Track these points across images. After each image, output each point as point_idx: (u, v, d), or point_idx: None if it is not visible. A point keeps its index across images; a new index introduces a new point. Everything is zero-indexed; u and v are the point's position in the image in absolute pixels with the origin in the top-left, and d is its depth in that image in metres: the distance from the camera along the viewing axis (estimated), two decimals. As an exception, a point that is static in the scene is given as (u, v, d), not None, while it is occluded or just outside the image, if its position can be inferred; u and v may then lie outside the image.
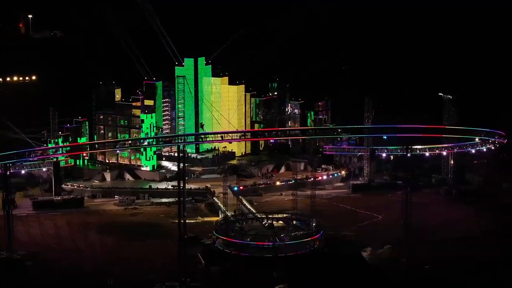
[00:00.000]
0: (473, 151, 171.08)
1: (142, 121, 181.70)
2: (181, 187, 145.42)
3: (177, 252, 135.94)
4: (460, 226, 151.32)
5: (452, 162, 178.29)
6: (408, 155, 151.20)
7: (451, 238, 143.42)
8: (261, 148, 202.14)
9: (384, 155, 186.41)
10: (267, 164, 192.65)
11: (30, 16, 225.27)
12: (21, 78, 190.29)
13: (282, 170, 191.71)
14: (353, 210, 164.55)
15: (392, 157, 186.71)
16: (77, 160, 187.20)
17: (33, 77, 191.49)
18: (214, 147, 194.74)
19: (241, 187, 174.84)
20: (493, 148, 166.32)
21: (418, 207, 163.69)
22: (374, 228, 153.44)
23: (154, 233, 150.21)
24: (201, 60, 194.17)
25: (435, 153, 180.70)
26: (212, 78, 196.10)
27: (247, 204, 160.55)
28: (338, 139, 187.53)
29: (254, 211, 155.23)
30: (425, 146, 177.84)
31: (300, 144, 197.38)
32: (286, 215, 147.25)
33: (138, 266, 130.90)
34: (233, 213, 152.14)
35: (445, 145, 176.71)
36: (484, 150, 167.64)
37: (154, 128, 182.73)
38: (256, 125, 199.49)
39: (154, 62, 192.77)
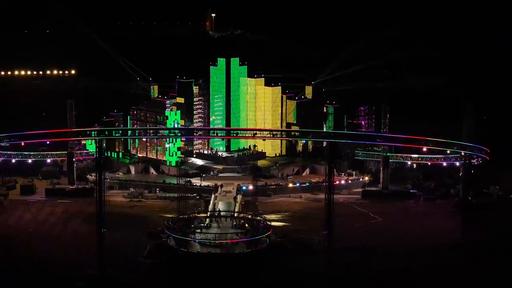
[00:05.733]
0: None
1: (166, 117, 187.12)
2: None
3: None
4: (434, 237, 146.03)
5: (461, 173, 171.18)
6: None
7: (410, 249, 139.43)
8: (300, 150, 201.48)
9: (409, 163, 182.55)
10: (292, 166, 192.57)
11: (213, 15, 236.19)
12: (60, 72, 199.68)
13: (306, 172, 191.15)
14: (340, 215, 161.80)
15: (415, 165, 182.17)
16: (112, 153, 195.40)
17: (72, 71, 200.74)
18: (249, 147, 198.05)
19: (250, 187, 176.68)
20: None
21: (411, 216, 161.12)
22: (351, 233, 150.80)
23: (134, 225, 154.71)
24: (235, 61, 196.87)
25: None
26: (248, 78, 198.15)
27: (237, 203, 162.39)
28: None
29: (236, 210, 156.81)
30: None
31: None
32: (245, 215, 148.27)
33: (84, 254, 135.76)
34: (211, 211, 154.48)
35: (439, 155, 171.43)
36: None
37: (178, 124, 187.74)
38: (293, 127, 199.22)
39: (192, 60, 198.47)
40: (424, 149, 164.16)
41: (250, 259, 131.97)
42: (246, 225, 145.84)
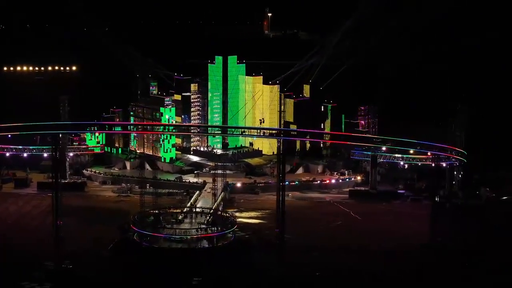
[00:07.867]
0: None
1: (161, 114, 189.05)
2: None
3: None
4: (406, 238, 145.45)
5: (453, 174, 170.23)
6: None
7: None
8: (298, 148, 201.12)
9: (401, 163, 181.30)
10: (287, 164, 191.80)
11: (269, 14, 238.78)
12: (61, 68, 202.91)
13: (300, 171, 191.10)
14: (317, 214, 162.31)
15: (406, 165, 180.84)
16: (113, 149, 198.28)
17: (74, 68, 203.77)
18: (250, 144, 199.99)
19: (238, 185, 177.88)
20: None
21: (392, 217, 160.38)
22: (323, 232, 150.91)
23: (114, 219, 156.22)
24: (232, 59, 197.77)
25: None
26: (246, 76, 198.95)
27: (217, 200, 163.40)
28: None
29: (213, 207, 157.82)
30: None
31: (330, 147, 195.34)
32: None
33: (50, 246, 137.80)
34: (187, 207, 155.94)
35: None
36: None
37: (173, 121, 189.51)
38: (291, 126, 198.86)
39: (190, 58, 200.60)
40: (384, 148, 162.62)
41: (208, 255, 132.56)
42: (214, 221, 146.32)
